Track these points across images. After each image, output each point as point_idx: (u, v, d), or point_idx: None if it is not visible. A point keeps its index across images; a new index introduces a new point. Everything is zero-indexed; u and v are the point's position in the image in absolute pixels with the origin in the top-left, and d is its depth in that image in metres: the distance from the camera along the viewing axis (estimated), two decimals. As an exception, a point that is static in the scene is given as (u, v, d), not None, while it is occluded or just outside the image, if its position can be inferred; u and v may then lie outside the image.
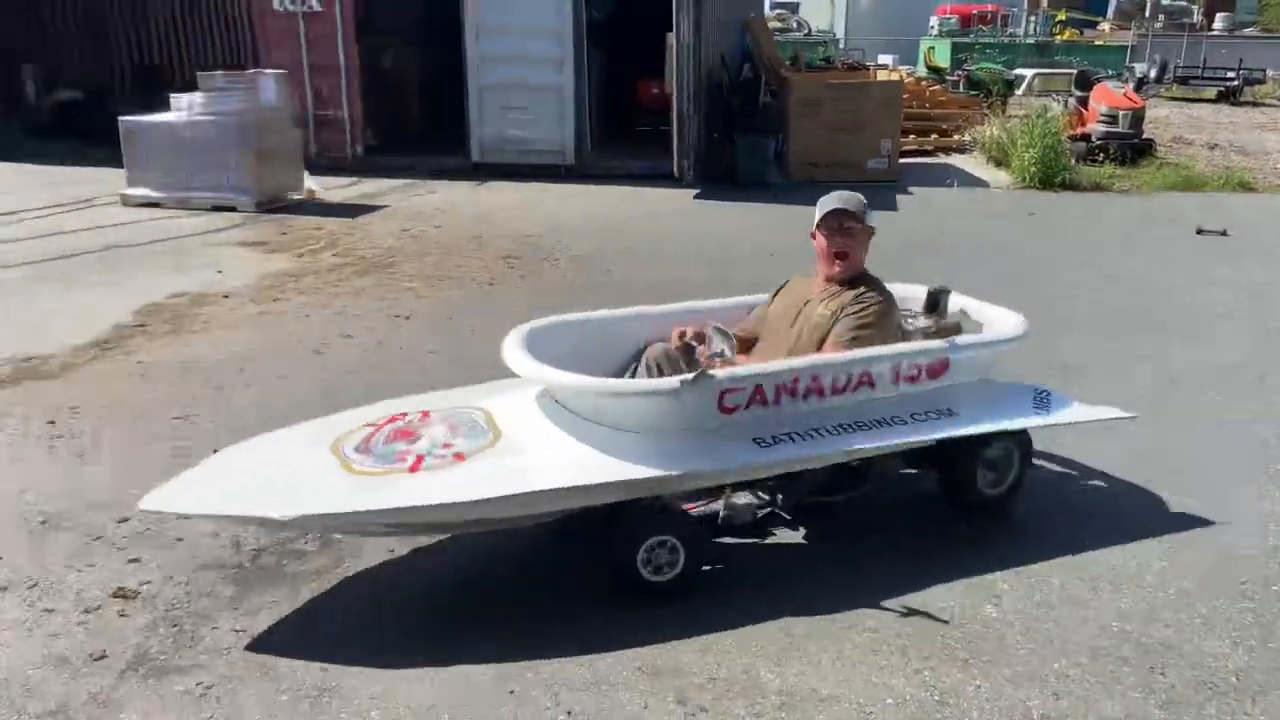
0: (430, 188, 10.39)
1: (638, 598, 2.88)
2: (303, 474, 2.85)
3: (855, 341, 3.18)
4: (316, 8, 11.03)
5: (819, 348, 3.22)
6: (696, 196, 10.10)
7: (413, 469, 2.82)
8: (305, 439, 3.05)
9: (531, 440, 2.97)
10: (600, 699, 2.48)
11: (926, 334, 3.39)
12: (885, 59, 21.61)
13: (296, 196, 9.37)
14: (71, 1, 15.39)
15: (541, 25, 10.70)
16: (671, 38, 10.54)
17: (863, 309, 3.24)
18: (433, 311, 5.92)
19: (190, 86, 9.43)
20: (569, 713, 2.43)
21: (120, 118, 9.03)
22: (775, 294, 3.55)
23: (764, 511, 3.24)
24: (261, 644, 2.67)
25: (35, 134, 12.97)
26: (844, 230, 3.31)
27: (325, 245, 7.64)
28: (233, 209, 8.72)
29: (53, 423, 4.10)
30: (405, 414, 3.13)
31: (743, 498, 3.19)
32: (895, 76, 14.81)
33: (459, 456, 2.87)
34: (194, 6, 15.47)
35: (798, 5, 27.44)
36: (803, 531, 3.31)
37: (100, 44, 15.69)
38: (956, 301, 3.57)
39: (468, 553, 3.17)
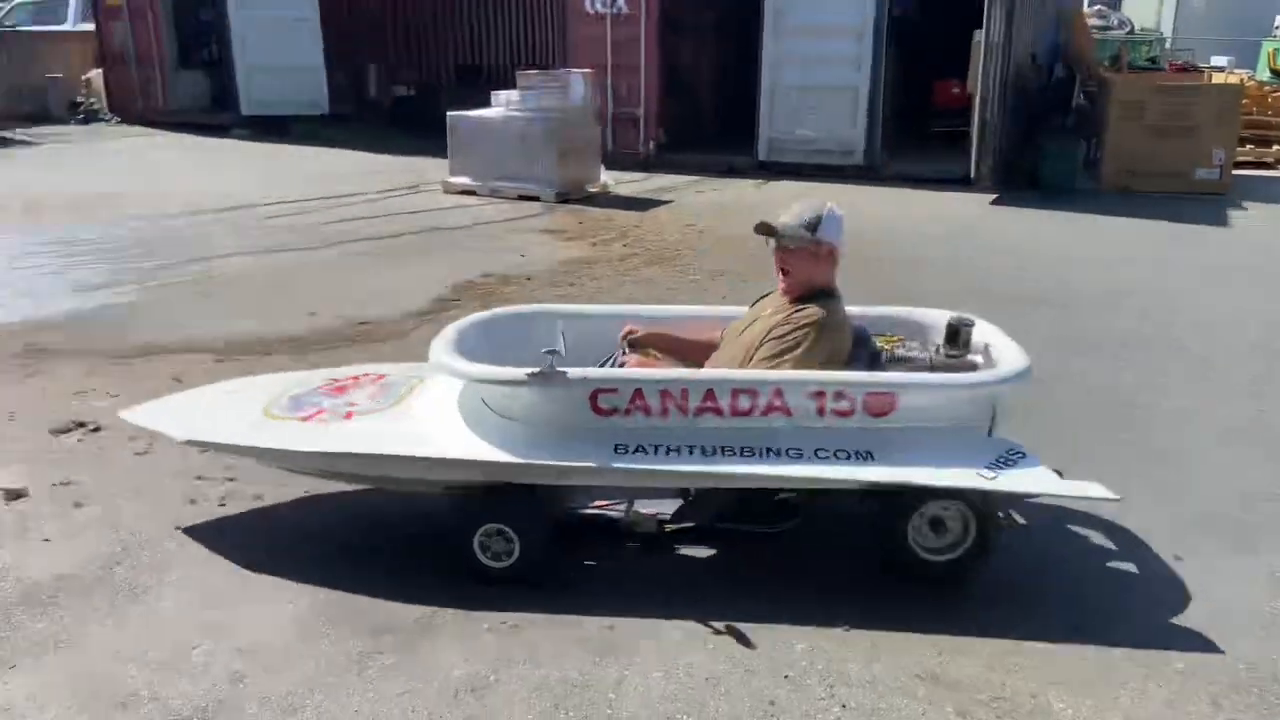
0: (716, 185, 10.61)
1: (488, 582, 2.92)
2: (234, 411, 3.17)
3: (779, 364, 2.91)
4: (625, 10, 11.57)
5: (742, 364, 3.00)
6: (994, 202, 9.60)
7: (307, 419, 3.00)
8: (273, 385, 3.35)
9: (424, 413, 3.04)
10: (876, 698, 2.46)
11: (918, 367, 3.04)
12: (1219, 60, 19.42)
13: (592, 189, 9.89)
14: (406, 9, 17.20)
15: (843, 24, 10.59)
16: (979, 35, 10.08)
17: (789, 331, 2.95)
18: (712, 304, 6.05)
19: (505, 84, 10.21)
20: (843, 706, 2.43)
21: (448, 113, 9.97)
22: (753, 304, 3.32)
23: (677, 526, 3.05)
24: (556, 593, 2.88)
25: (375, 127, 14.62)
26: (780, 246, 3.03)
27: (616, 236, 8.03)
28: (536, 198, 9.37)
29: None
30: (365, 375, 3.33)
31: (650, 507, 3.05)
32: (1233, 80, 13.30)
33: (349, 415, 3.01)
34: (511, 10, 16.81)
35: (1119, 1, 25.24)
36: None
37: (429, 46, 17.44)
38: (990, 336, 3.13)
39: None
